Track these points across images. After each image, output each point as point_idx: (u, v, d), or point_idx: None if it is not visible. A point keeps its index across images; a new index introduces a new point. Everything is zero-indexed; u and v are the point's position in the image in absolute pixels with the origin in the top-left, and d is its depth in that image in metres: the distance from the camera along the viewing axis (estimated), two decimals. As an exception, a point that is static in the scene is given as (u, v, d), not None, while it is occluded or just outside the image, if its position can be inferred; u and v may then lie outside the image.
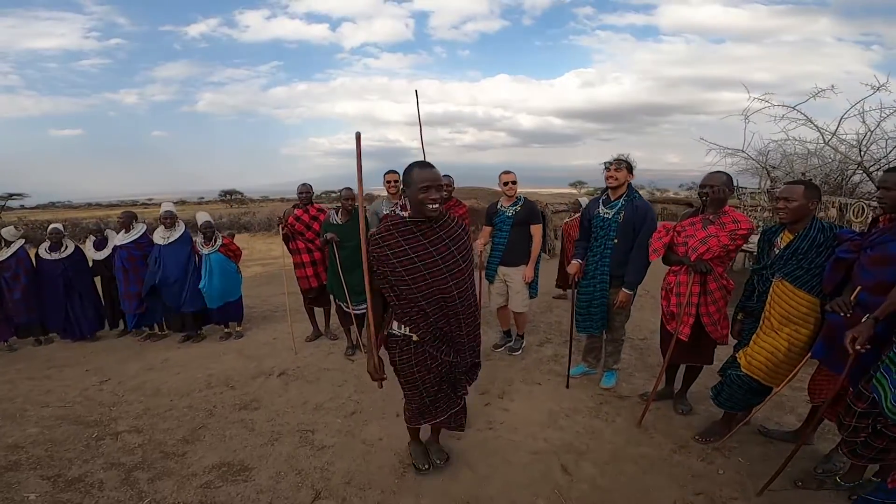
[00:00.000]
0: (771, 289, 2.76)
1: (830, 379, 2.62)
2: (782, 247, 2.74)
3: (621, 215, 3.53)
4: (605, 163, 3.63)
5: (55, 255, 5.57)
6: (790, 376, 2.69)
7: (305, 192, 5.03)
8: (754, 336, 2.86)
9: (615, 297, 3.63)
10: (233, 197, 41.51)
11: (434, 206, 2.23)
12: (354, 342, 4.94)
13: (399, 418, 3.55)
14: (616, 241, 3.55)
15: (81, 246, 5.98)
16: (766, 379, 2.80)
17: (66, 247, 5.65)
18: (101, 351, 5.51)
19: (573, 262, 3.83)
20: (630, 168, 3.58)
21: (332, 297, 4.88)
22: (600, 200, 3.72)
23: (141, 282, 5.46)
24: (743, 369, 2.87)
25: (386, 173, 4.54)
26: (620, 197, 3.58)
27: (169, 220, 5.32)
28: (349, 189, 4.47)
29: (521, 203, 4.34)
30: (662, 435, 3.23)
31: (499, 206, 4.45)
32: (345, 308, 4.62)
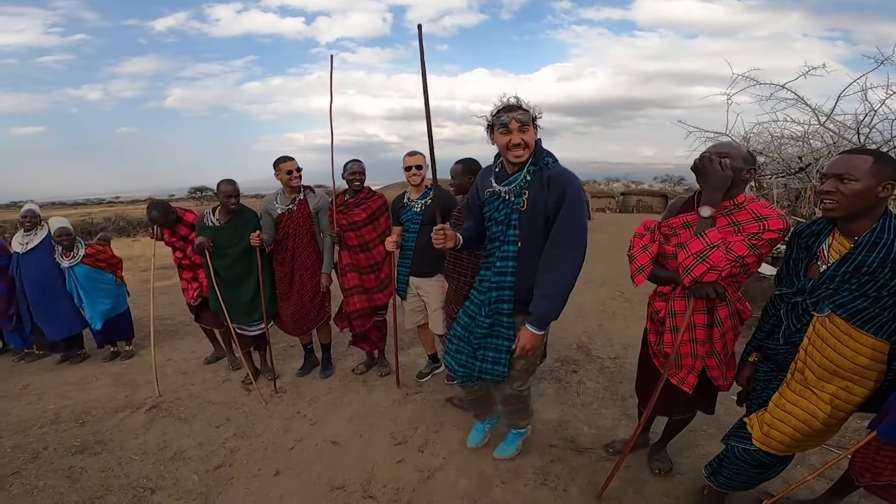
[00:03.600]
0: (811, 327, 1.75)
1: None
2: (833, 261, 1.70)
3: (524, 198, 2.12)
4: (493, 118, 2.10)
5: None
6: (853, 449, 1.77)
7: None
8: (776, 395, 1.85)
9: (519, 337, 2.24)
10: (203, 194, 40.25)
11: None
12: (259, 367, 3.97)
13: (279, 476, 2.63)
14: (520, 243, 2.17)
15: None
16: (786, 452, 1.85)
17: None
18: (-38, 373, 4.48)
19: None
20: (532, 117, 2.09)
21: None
22: (493, 172, 2.28)
23: (1, 299, 4.47)
24: (756, 442, 1.87)
25: (283, 161, 3.45)
26: (524, 166, 2.14)
27: (29, 223, 4.28)
28: (229, 182, 3.41)
29: (430, 195, 3.28)
30: (632, 512, 2.30)
31: (405, 199, 3.42)
32: (237, 329, 3.62)
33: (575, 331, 4.88)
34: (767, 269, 4.74)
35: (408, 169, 3.25)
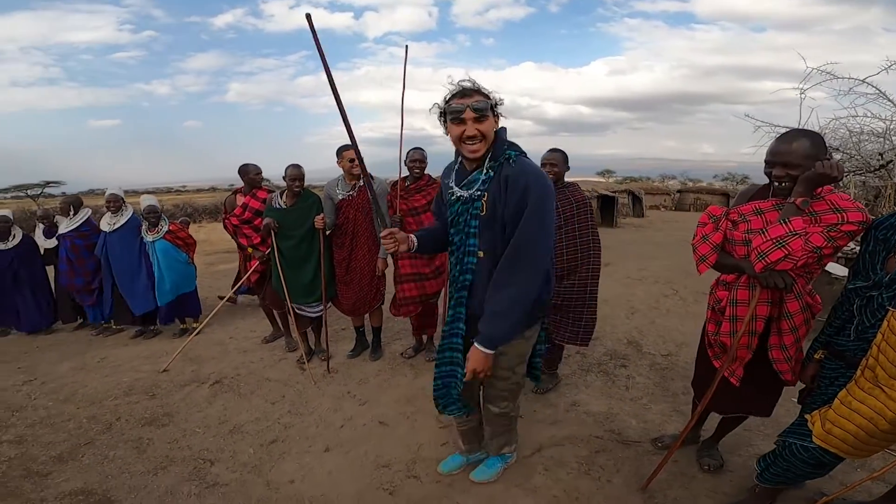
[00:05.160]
0: (886, 322, 1.64)
1: None
2: None
3: (484, 200, 1.85)
4: (445, 104, 1.80)
5: (2, 246, 5.04)
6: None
7: (255, 173, 4.23)
8: (842, 392, 1.75)
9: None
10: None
11: None
12: (313, 347, 4.18)
13: (328, 453, 2.74)
14: (482, 252, 1.91)
15: (31, 234, 5.46)
16: (848, 452, 1.75)
17: (14, 236, 5.12)
18: (46, 347, 4.95)
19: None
20: (492, 104, 1.79)
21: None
22: (454, 172, 2.00)
23: (88, 273, 4.93)
24: (816, 439, 1.79)
25: (346, 148, 3.51)
26: (482, 163, 1.86)
27: (114, 206, 4.72)
28: (296, 166, 3.63)
29: None
30: (678, 508, 2.24)
31: None
32: (296, 309, 3.82)
33: (625, 326, 4.78)
34: (839, 270, 4.44)
35: None
